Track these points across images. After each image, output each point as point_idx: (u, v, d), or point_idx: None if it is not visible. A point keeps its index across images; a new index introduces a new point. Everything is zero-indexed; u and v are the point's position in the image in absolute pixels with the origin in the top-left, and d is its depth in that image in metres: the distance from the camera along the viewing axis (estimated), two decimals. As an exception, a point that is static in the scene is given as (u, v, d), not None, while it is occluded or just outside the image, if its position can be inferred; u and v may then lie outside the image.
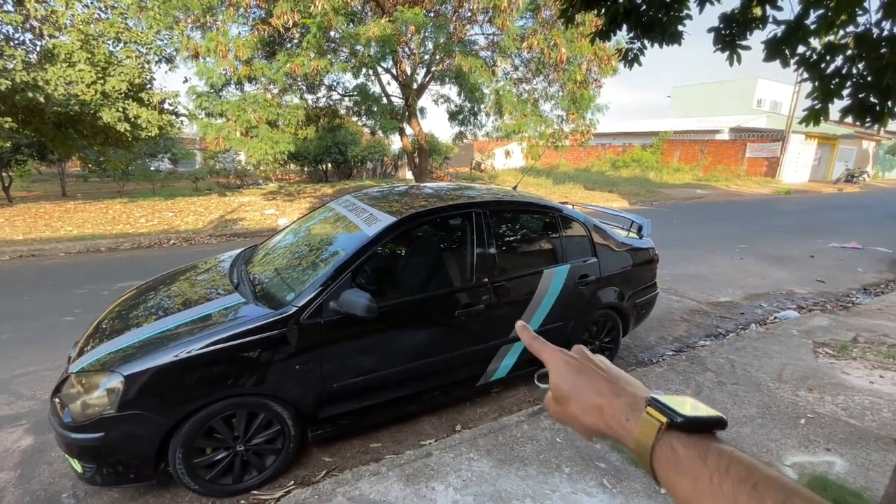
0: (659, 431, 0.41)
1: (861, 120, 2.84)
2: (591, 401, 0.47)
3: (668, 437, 0.40)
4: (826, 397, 3.07)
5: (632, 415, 0.44)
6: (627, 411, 0.44)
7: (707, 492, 0.36)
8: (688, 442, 0.39)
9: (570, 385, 0.49)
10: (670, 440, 0.40)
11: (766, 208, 14.50)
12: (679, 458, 0.39)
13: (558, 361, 0.52)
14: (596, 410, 0.47)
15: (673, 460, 0.39)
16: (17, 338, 4.08)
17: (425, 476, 2.32)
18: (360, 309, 2.30)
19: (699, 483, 0.37)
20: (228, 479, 2.35)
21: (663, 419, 0.41)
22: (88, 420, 2.06)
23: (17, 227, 9.06)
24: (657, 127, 29.35)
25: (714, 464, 0.37)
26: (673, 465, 0.39)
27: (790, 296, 5.79)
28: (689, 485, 0.38)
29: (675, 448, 0.39)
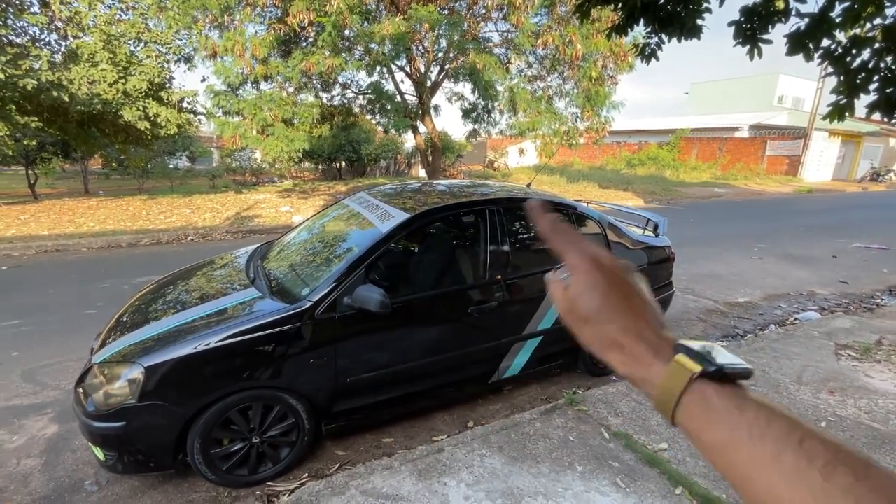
0: (690, 381, 0.38)
1: (889, 115, 2.77)
2: (611, 335, 0.42)
3: (699, 385, 0.37)
4: (848, 400, 3.00)
5: (656, 360, 0.40)
6: (651, 355, 0.40)
7: (745, 444, 0.34)
8: (722, 392, 0.37)
9: (592, 306, 0.42)
10: (702, 389, 0.37)
11: (786, 207, 14.17)
12: (713, 408, 0.37)
13: (586, 271, 0.43)
14: (616, 347, 0.42)
15: (705, 410, 0.37)
16: (42, 329, 4.21)
17: (437, 471, 2.33)
18: (374, 304, 2.32)
19: (736, 434, 0.35)
20: (244, 470, 2.40)
21: (696, 368, 0.37)
22: (111, 409, 2.12)
23: (42, 223, 9.33)
24: (674, 124, 28.88)
25: (753, 416, 0.35)
26: (704, 415, 0.37)
27: (811, 297, 5.65)
28: (722, 436, 0.36)
29: (708, 398, 0.37)
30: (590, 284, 0.43)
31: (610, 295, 0.42)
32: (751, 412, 0.35)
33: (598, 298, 0.42)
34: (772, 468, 0.32)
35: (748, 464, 0.34)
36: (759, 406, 0.36)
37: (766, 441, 0.33)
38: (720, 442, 0.36)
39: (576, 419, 2.77)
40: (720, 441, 0.36)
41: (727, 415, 0.36)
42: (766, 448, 0.33)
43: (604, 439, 2.58)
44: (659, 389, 0.39)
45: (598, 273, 0.43)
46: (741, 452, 0.34)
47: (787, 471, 0.32)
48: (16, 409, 3.04)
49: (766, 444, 0.33)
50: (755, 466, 0.33)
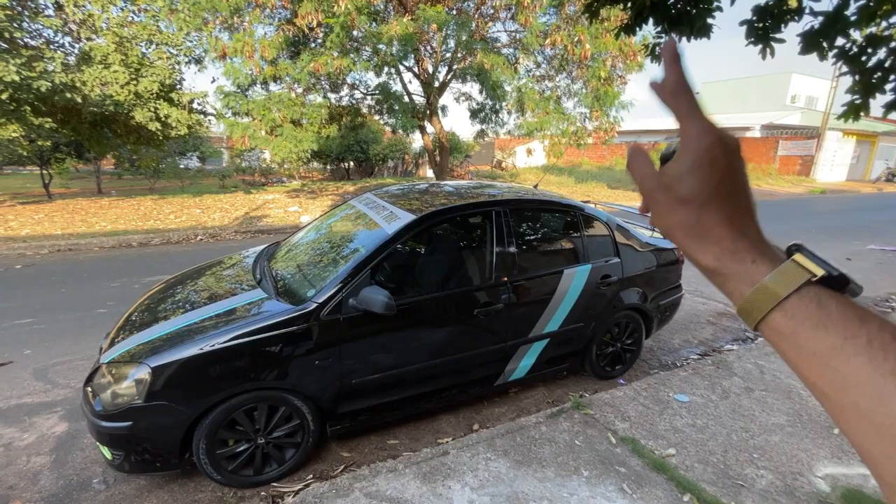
0: (807, 282, 0.36)
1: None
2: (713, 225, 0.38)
3: (814, 288, 0.36)
4: (862, 407, 2.93)
5: (760, 257, 0.38)
6: (754, 252, 0.38)
7: (863, 352, 0.32)
8: (842, 301, 0.35)
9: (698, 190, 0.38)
10: (818, 293, 0.36)
11: (799, 208, 13.95)
12: (829, 313, 0.35)
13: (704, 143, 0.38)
14: (714, 238, 0.38)
15: (819, 314, 0.35)
16: (53, 328, 4.27)
17: (442, 474, 2.32)
18: (379, 306, 2.31)
19: (851, 343, 0.33)
20: (249, 471, 2.41)
21: (818, 271, 0.36)
22: (118, 409, 2.13)
23: (55, 223, 9.47)
24: (684, 124, 28.53)
25: (876, 328, 0.33)
26: (815, 319, 0.35)
27: (824, 300, 5.55)
28: (833, 342, 0.34)
29: (825, 302, 0.35)
30: (708, 162, 0.38)
31: (725, 179, 0.38)
32: (874, 324, 0.33)
33: (714, 180, 0.38)
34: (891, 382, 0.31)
35: (858, 374, 0.32)
36: (883, 322, 0.34)
37: (890, 354, 0.32)
38: (829, 347, 0.34)
39: (582, 423, 2.75)
40: (829, 346, 0.34)
41: (844, 322, 0.34)
42: (889, 362, 0.31)
43: (610, 444, 2.55)
44: (758, 288, 0.37)
45: (720, 151, 0.38)
46: (853, 362, 0.33)
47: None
48: (27, 407, 3.08)
49: (888, 357, 0.32)
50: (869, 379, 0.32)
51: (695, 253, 0.40)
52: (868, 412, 0.32)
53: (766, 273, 0.37)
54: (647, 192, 0.42)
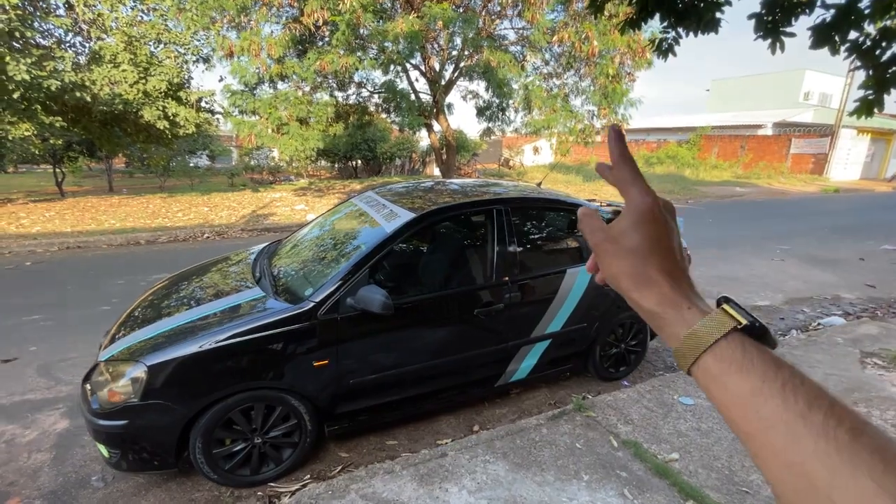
0: (732, 330, 0.39)
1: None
2: (650, 274, 0.43)
3: (740, 337, 0.39)
4: (874, 412, 2.85)
5: (695, 306, 0.42)
6: (687, 300, 0.42)
7: (776, 397, 0.36)
8: (761, 348, 0.39)
9: (639, 241, 0.44)
10: (742, 339, 0.39)
11: (811, 207, 13.70)
12: (750, 359, 0.38)
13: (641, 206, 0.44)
14: (653, 284, 0.43)
15: (741, 359, 0.38)
16: (59, 325, 4.31)
17: (439, 477, 2.29)
18: (377, 306, 2.28)
19: (767, 386, 0.36)
20: (246, 471, 2.40)
21: (742, 320, 0.40)
22: (114, 407, 2.13)
23: (66, 220, 9.59)
24: (694, 122, 28.24)
25: (788, 374, 0.37)
26: (739, 364, 0.38)
27: (836, 301, 5.43)
28: (753, 384, 0.37)
29: (748, 351, 0.39)
30: (649, 219, 0.44)
31: (661, 235, 0.44)
32: (787, 370, 0.37)
33: (654, 235, 0.44)
34: (800, 423, 0.34)
35: (774, 416, 0.35)
36: (794, 367, 0.38)
37: (799, 397, 0.35)
38: (750, 389, 0.37)
39: (584, 425, 2.70)
40: (750, 388, 0.37)
41: (763, 366, 0.37)
42: (799, 404, 0.34)
43: (612, 447, 2.50)
44: (692, 332, 0.40)
45: (658, 211, 0.44)
46: (769, 404, 0.36)
47: (815, 427, 0.33)
48: (30, 404, 3.10)
49: (798, 400, 0.35)
50: (782, 420, 0.35)
51: (638, 298, 0.44)
52: (781, 451, 0.34)
53: (698, 319, 0.41)
54: (597, 244, 0.46)
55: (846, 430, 0.32)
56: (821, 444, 0.32)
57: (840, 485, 0.31)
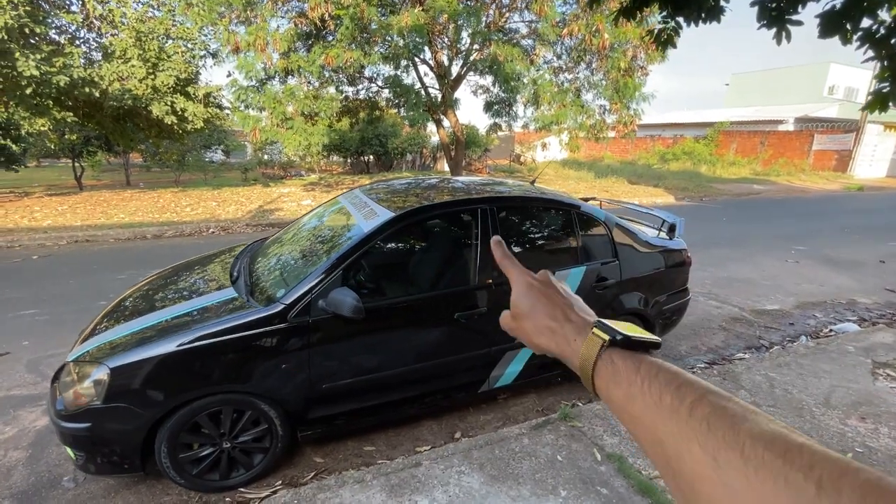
0: (601, 348, 0.45)
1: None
2: (545, 323, 0.51)
3: (609, 352, 0.45)
4: (882, 429, 2.67)
5: (578, 336, 0.48)
6: (575, 334, 0.49)
7: (638, 395, 0.40)
8: (625, 356, 0.44)
9: (528, 306, 0.53)
10: (611, 355, 0.44)
11: (832, 206, 13.20)
12: (617, 369, 0.43)
13: (521, 282, 0.55)
14: (548, 331, 0.51)
15: (612, 371, 0.44)
16: (54, 320, 4.34)
17: (410, 488, 2.20)
18: (348, 309, 2.20)
19: (632, 388, 0.41)
20: (215, 476, 2.34)
21: (606, 337, 0.45)
22: (78, 409, 2.09)
23: (77, 214, 9.75)
24: (712, 117, 27.50)
25: (646, 371, 0.41)
26: (612, 376, 0.44)
27: (851, 306, 5.17)
28: (624, 390, 0.42)
29: (614, 361, 0.44)
30: (526, 290, 0.55)
31: (542, 295, 0.53)
32: (644, 368, 0.42)
33: (533, 296, 0.54)
34: (655, 410, 0.38)
35: (641, 411, 0.39)
36: (651, 363, 0.42)
37: (653, 388, 0.39)
38: (623, 397, 0.42)
39: (567, 436, 2.58)
40: (623, 396, 0.42)
41: (626, 373, 0.42)
42: (653, 394, 0.39)
43: (595, 461, 2.38)
44: (580, 359, 0.47)
45: (532, 281, 0.55)
46: (637, 403, 0.40)
47: (665, 410, 0.37)
48: (14, 400, 3.11)
49: (652, 390, 0.39)
50: (646, 412, 0.39)
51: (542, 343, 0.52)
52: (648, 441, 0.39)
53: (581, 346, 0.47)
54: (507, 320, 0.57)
55: (686, 406, 0.36)
56: (669, 425, 0.37)
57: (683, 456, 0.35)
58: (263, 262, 2.95)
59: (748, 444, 0.31)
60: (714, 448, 0.33)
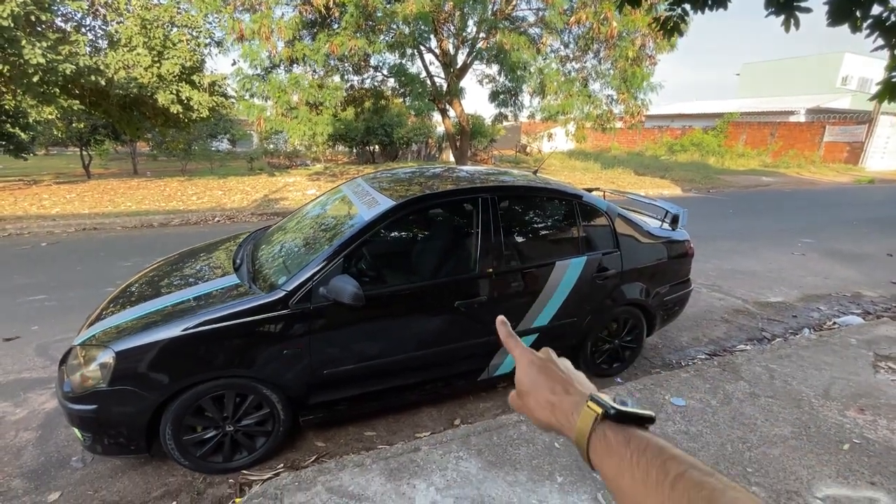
0: (595, 421, 0.47)
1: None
2: (546, 397, 0.53)
3: (602, 426, 0.46)
4: (880, 421, 2.67)
5: (576, 410, 0.49)
6: (573, 408, 0.50)
7: (627, 469, 0.42)
8: (617, 429, 0.45)
9: (530, 382, 0.56)
10: (604, 429, 0.46)
11: (842, 199, 13.03)
12: (609, 443, 0.45)
13: (524, 360, 0.58)
14: (549, 406, 0.52)
15: (605, 445, 0.45)
16: (61, 305, 4.41)
17: (409, 472, 2.24)
18: (348, 296, 2.22)
19: (622, 462, 0.43)
20: (219, 458, 2.39)
21: (599, 410, 0.47)
22: (84, 392, 2.14)
23: (85, 202, 9.82)
24: (721, 108, 27.11)
25: (635, 446, 0.43)
26: (605, 449, 0.45)
27: (856, 299, 5.14)
28: (615, 464, 0.43)
29: (607, 434, 0.46)
30: (528, 367, 0.57)
31: (542, 371, 0.56)
32: (634, 442, 0.43)
33: (534, 372, 0.56)
34: (642, 485, 0.41)
35: (630, 484, 0.42)
36: (641, 438, 0.44)
37: (641, 463, 0.42)
38: (613, 470, 0.44)
39: (565, 424, 2.60)
40: (613, 469, 0.44)
41: (618, 447, 0.44)
42: (641, 468, 0.41)
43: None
44: (577, 431, 0.48)
45: (533, 358, 0.58)
46: (626, 477, 0.42)
47: (651, 484, 0.40)
48: (24, 382, 3.18)
49: (640, 465, 0.41)
50: (634, 485, 0.41)
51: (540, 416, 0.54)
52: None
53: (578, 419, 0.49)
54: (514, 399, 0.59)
55: (670, 481, 0.39)
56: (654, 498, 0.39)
57: None
58: (266, 250, 2.98)
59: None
60: None
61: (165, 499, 2.28)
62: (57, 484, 2.35)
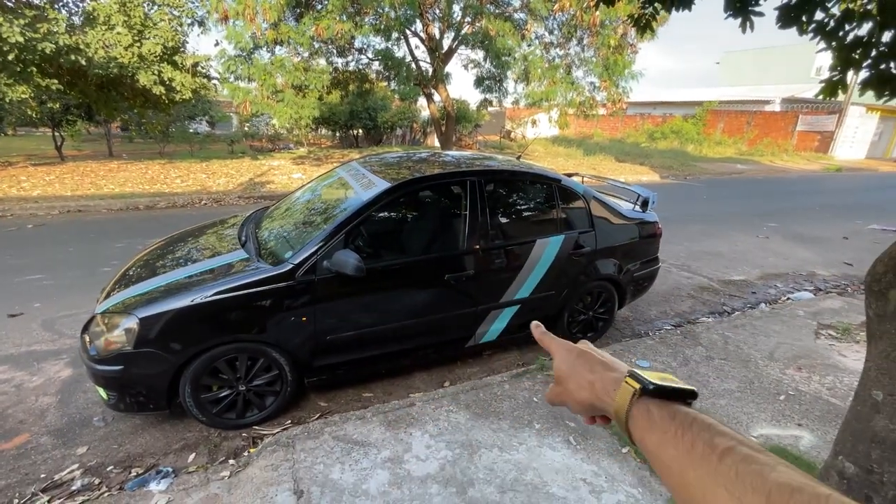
0: (633, 396, 0.49)
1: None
2: (586, 378, 0.56)
3: (644, 401, 0.48)
4: (814, 377, 3.07)
5: (616, 386, 0.52)
6: (613, 384, 0.53)
7: (671, 442, 0.43)
8: (662, 405, 0.47)
9: (569, 367, 0.59)
10: (647, 404, 0.48)
11: (809, 186, 13.70)
12: (653, 418, 0.47)
13: (561, 350, 0.62)
14: (588, 385, 0.55)
15: (647, 419, 0.47)
16: (61, 284, 4.54)
17: (405, 423, 2.53)
18: (350, 268, 2.47)
19: (667, 435, 0.44)
20: (232, 415, 2.65)
21: (637, 385, 0.49)
22: (110, 354, 2.36)
23: (65, 184, 9.71)
24: (701, 96, 27.68)
25: (681, 420, 0.45)
26: (647, 423, 0.47)
27: (810, 277, 5.61)
28: (658, 437, 0.45)
29: (650, 410, 0.47)
30: (566, 355, 0.61)
31: (580, 356, 0.59)
32: (679, 417, 0.45)
33: (573, 358, 0.60)
34: (686, 456, 0.42)
35: (673, 456, 0.43)
36: (687, 413, 0.46)
37: (686, 436, 0.43)
38: (656, 443, 0.45)
39: (543, 382, 2.93)
40: (656, 442, 0.45)
41: (661, 421, 0.46)
42: (685, 442, 0.43)
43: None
44: (615, 406, 0.51)
45: (571, 347, 0.62)
46: (669, 449, 0.44)
47: (696, 456, 0.41)
48: (36, 354, 3.35)
49: (685, 438, 0.43)
50: (676, 457, 0.43)
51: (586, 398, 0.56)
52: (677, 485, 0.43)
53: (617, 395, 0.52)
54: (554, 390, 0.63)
55: (717, 454, 0.40)
56: (699, 470, 0.40)
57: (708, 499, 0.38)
58: (269, 228, 3.19)
59: (774, 490, 0.34)
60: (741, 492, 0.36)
61: (185, 451, 2.53)
62: (83, 440, 2.58)
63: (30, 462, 2.41)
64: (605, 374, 0.55)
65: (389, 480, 2.13)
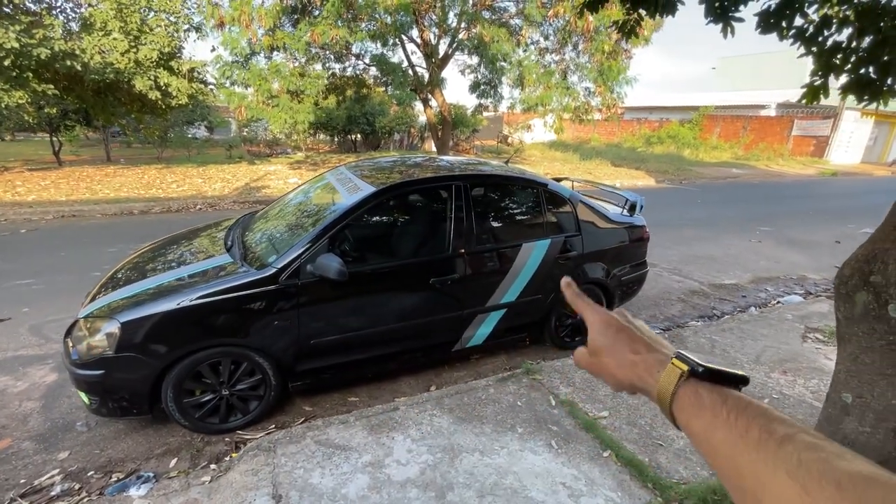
0: (680, 378, 0.47)
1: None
2: (627, 357, 0.53)
3: (692, 383, 0.46)
4: (799, 380, 3.08)
5: (661, 367, 0.50)
6: (658, 365, 0.50)
7: (722, 426, 0.42)
8: (712, 388, 0.45)
9: (608, 342, 0.55)
10: (696, 386, 0.46)
11: (804, 190, 13.75)
12: (702, 400, 0.45)
13: (599, 320, 0.57)
14: (630, 365, 0.53)
15: (696, 402, 0.45)
16: (51, 288, 4.53)
17: (388, 427, 2.53)
18: (333, 272, 2.47)
19: (717, 418, 0.43)
20: (215, 419, 2.64)
21: (685, 367, 0.47)
22: (92, 359, 2.36)
23: (61, 189, 9.73)
24: (698, 101, 27.82)
25: (733, 404, 0.43)
26: (695, 406, 0.45)
27: (801, 281, 5.62)
28: (707, 419, 0.43)
29: (699, 392, 0.46)
30: (604, 327, 0.57)
31: (621, 331, 0.56)
32: (732, 401, 0.43)
33: (613, 332, 0.56)
34: (740, 441, 0.40)
35: (723, 441, 0.42)
36: (740, 397, 0.44)
37: (740, 421, 0.41)
38: (705, 426, 0.44)
39: (528, 387, 2.93)
40: (705, 425, 0.44)
41: (712, 405, 0.44)
42: (738, 426, 0.41)
43: (550, 406, 2.74)
44: (659, 387, 0.49)
45: (609, 318, 0.57)
46: (719, 432, 0.42)
47: (751, 442, 0.39)
48: (22, 359, 3.34)
49: (738, 423, 0.41)
50: (727, 442, 0.41)
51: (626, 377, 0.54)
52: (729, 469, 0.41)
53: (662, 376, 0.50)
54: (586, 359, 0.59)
55: (776, 440, 0.38)
56: (753, 455, 0.39)
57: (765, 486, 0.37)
58: (255, 232, 3.20)
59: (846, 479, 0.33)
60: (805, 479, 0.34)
61: (167, 456, 2.52)
62: (65, 445, 2.57)
63: (10, 467, 2.40)
64: (648, 355, 0.52)
65: (369, 485, 2.13)
